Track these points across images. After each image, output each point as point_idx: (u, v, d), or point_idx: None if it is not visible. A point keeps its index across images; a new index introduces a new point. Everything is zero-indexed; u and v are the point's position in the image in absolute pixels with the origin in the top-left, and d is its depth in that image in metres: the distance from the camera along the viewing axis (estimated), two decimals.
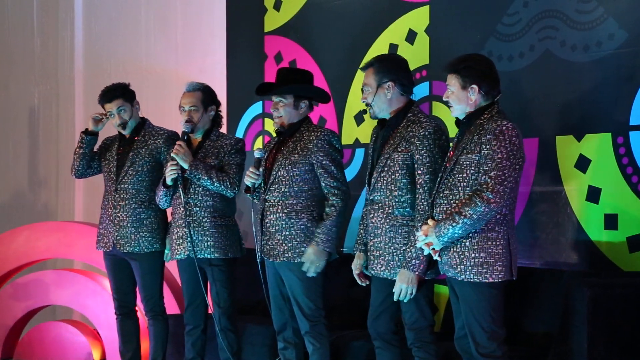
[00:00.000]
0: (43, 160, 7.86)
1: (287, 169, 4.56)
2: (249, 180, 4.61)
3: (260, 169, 4.62)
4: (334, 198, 4.53)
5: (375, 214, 4.28)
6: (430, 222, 3.96)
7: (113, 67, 7.35)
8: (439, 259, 3.98)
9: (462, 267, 3.88)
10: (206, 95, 4.99)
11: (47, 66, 7.83)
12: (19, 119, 7.97)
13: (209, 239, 4.90)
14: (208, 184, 4.85)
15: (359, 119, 5.68)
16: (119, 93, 5.20)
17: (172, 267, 6.08)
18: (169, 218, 5.20)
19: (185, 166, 4.83)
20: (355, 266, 4.44)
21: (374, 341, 4.36)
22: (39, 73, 7.87)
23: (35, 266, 6.85)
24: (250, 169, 4.61)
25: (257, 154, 4.65)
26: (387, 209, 4.24)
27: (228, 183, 4.83)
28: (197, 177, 4.85)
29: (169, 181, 4.88)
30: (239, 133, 6.35)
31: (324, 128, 4.68)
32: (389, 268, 4.23)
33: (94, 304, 6.40)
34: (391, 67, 4.31)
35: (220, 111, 5.09)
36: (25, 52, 7.93)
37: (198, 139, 5.01)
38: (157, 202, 5.07)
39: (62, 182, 7.75)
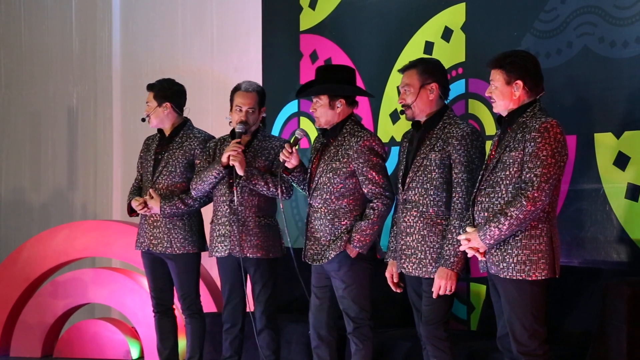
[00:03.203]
0: (82, 159, 7.94)
1: (328, 175, 4.54)
2: (281, 156, 4.63)
3: (294, 148, 4.62)
4: (376, 201, 4.49)
5: (408, 213, 4.28)
6: (469, 229, 3.95)
7: (150, 66, 7.40)
8: (484, 258, 3.96)
9: (505, 264, 3.87)
10: (261, 96, 5.02)
11: (85, 66, 7.91)
12: (58, 119, 8.06)
13: (252, 238, 4.91)
14: (264, 190, 4.87)
15: (394, 117, 5.67)
16: (155, 88, 5.26)
17: (209, 265, 6.12)
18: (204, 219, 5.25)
19: (241, 173, 4.84)
20: (389, 274, 4.46)
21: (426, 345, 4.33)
22: (77, 73, 7.95)
23: (74, 264, 6.92)
24: (285, 145, 4.64)
25: (297, 134, 4.66)
26: (421, 207, 4.24)
27: (284, 187, 4.83)
28: (253, 184, 4.87)
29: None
30: (275, 132, 6.36)
31: (366, 131, 4.58)
32: (420, 266, 4.24)
33: (132, 302, 6.45)
34: (435, 69, 4.35)
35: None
36: (64, 52, 8.01)
37: (247, 138, 5.02)
38: (198, 186, 4.99)
39: (100, 181, 7.82)
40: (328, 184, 4.54)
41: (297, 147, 4.66)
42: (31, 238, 6.86)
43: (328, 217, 4.54)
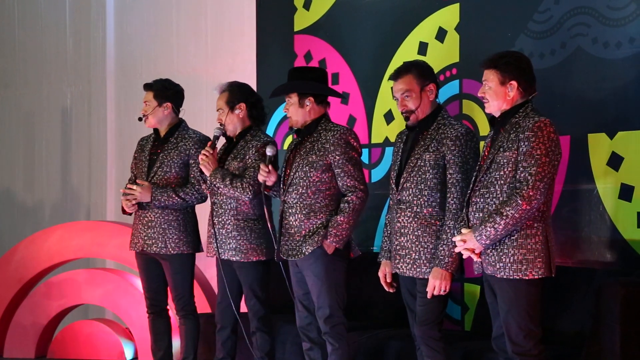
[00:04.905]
0: (75, 160, 7.93)
1: (304, 169, 4.55)
2: (260, 177, 4.65)
3: (270, 166, 4.63)
4: (350, 195, 4.50)
5: (403, 213, 4.28)
6: (464, 230, 3.95)
7: (144, 67, 7.40)
8: (479, 259, 3.96)
9: (501, 264, 3.87)
10: (232, 94, 4.98)
11: (79, 67, 7.89)
12: (52, 119, 8.04)
13: (231, 241, 4.90)
14: (225, 191, 4.87)
15: (388, 117, 5.67)
16: (154, 88, 5.25)
17: (202, 266, 6.12)
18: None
19: (207, 174, 4.88)
20: (382, 273, 4.46)
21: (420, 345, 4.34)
22: (72, 73, 7.94)
23: (68, 265, 6.91)
24: (261, 166, 4.64)
25: (268, 151, 4.67)
26: (415, 207, 4.25)
27: (241, 188, 4.81)
28: (217, 185, 4.88)
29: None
30: (269, 132, 6.36)
31: (341, 126, 4.62)
32: (415, 267, 4.24)
33: (126, 303, 6.44)
34: (429, 70, 4.37)
35: (258, 107, 5.03)
36: (58, 52, 8.00)
37: (232, 139, 5.03)
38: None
39: (94, 181, 7.81)
40: (304, 178, 4.53)
41: (271, 163, 4.65)
42: (25, 239, 6.85)
43: (303, 212, 4.54)
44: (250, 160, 4.88)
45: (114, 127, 7.66)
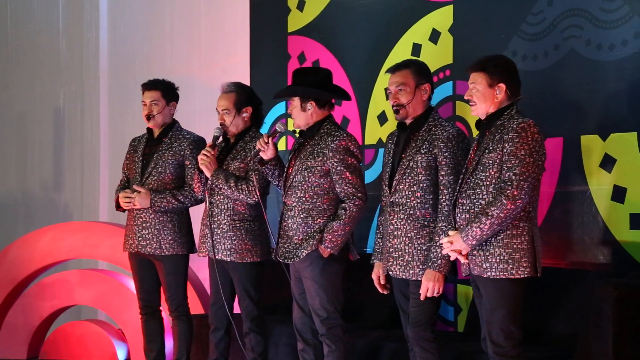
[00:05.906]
0: (68, 160, 7.91)
1: (303, 174, 4.54)
2: (257, 144, 4.62)
3: (271, 140, 4.61)
4: (348, 202, 4.48)
5: (396, 216, 4.28)
6: (451, 232, 3.96)
7: (137, 67, 7.39)
8: (466, 260, 3.97)
9: (488, 264, 3.89)
10: (240, 96, 4.97)
11: (72, 67, 7.88)
12: (45, 120, 8.03)
13: (226, 241, 4.89)
14: (228, 193, 4.86)
15: (382, 118, 5.67)
16: (160, 87, 5.23)
17: (195, 267, 6.11)
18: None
19: (208, 175, 4.86)
20: (376, 275, 4.46)
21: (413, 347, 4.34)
22: (64, 74, 7.93)
23: (60, 266, 6.89)
24: (263, 135, 4.64)
25: (277, 126, 4.67)
26: (408, 210, 4.25)
27: (247, 192, 4.81)
28: (218, 186, 4.87)
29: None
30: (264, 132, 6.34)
31: (342, 132, 4.56)
32: (408, 269, 4.24)
33: (118, 304, 6.42)
34: (427, 70, 4.38)
35: (260, 110, 5.05)
36: (51, 53, 7.99)
37: (231, 140, 5.02)
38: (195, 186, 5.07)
39: (86, 182, 7.80)
40: (303, 182, 4.53)
41: (272, 138, 4.62)
42: (17, 239, 6.83)
43: (301, 216, 4.53)
44: (252, 163, 4.88)
45: (106, 127, 7.65)
